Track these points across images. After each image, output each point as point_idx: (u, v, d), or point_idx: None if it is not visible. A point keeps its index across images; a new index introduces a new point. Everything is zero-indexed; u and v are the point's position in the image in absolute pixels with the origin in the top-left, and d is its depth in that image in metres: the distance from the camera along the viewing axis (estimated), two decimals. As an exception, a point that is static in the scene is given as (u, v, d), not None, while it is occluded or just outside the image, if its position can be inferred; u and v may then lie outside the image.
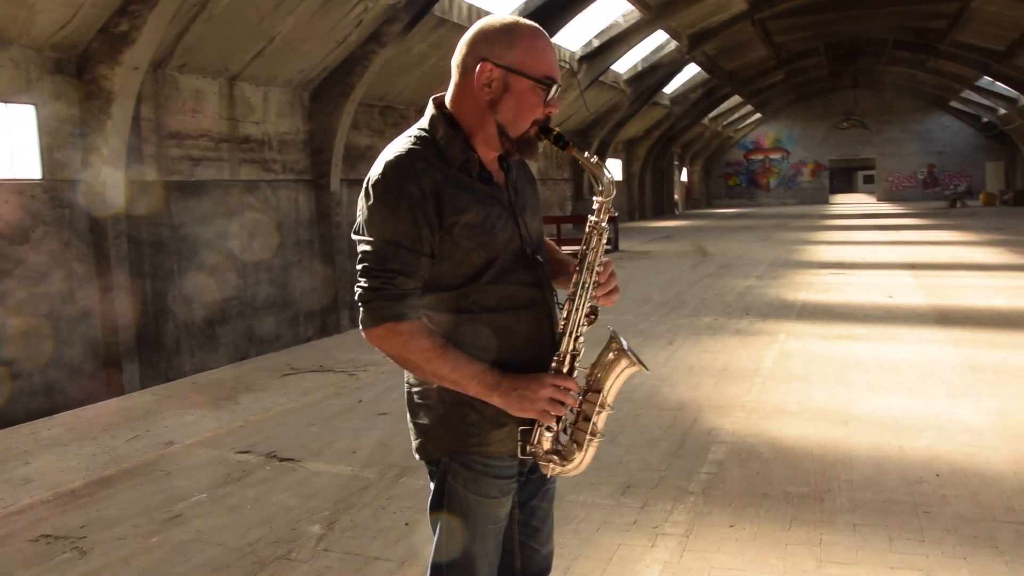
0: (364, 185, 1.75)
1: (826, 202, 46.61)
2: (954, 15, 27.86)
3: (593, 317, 1.84)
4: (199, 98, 12.25)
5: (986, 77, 34.40)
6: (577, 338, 1.81)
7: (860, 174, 65.75)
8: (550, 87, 1.77)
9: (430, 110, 1.83)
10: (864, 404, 5.62)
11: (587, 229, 1.84)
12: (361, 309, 1.72)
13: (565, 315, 1.83)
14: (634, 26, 23.27)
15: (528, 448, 1.83)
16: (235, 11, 11.44)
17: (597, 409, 1.83)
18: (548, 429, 1.82)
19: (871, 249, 17.42)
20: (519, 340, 1.80)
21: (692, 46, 25.97)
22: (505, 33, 1.75)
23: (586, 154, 1.84)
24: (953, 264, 13.88)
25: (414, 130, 1.81)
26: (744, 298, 10.47)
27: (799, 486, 4.20)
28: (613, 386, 1.84)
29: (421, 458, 1.90)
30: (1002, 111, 38.75)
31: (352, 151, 16.27)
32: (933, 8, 27.28)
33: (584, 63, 23.54)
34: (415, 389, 1.87)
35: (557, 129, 1.83)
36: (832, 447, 4.77)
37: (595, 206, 1.84)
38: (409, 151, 1.74)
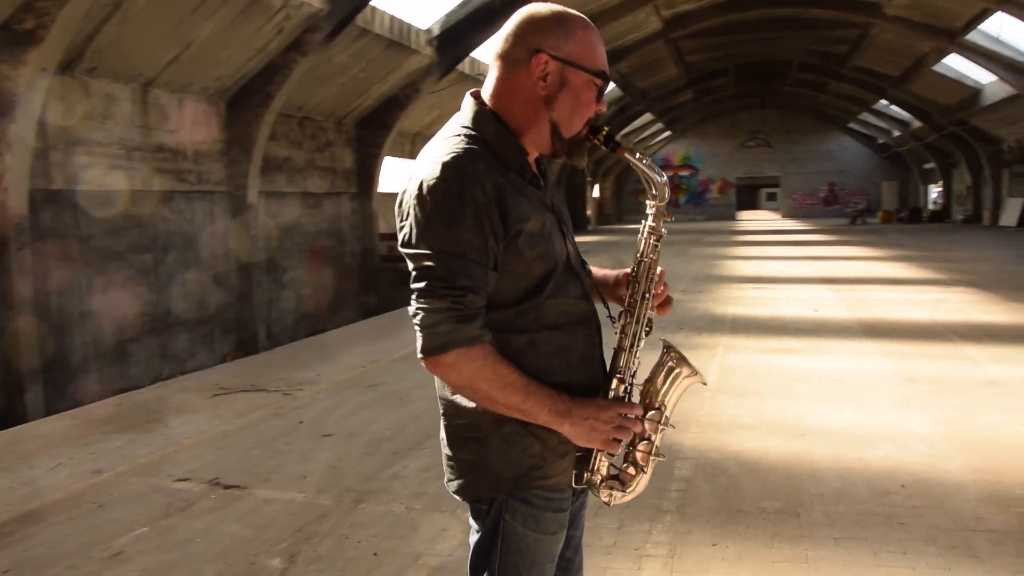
0: (412, 190, 1.56)
1: (733, 218, 47.85)
2: (855, 40, 29.16)
3: (648, 329, 1.73)
4: (110, 104, 11.63)
5: (882, 100, 36.34)
6: (636, 353, 1.70)
7: (764, 191, 67.93)
8: (605, 80, 1.67)
9: (470, 106, 1.68)
10: (815, 416, 5.65)
11: (643, 235, 1.72)
12: (423, 334, 1.53)
13: (622, 328, 1.72)
14: (552, 42, 23.45)
15: (586, 476, 1.69)
16: (151, 13, 10.92)
17: (660, 428, 1.71)
18: (609, 455, 1.70)
19: (787, 264, 17.86)
20: (576, 359, 1.67)
21: (608, 63, 26.38)
22: (560, 22, 1.62)
23: (637, 155, 1.72)
24: (867, 279, 14.28)
25: (457, 127, 1.64)
26: (674, 312, 10.42)
27: (772, 501, 4.14)
28: (673, 400, 1.72)
29: (466, 498, 1.70)
30: (896, 133, 40.90)
31: (270, 162, 15.78)
32: (836, 33, 28.48)
33: None
34: (459, 422, 1.66)
35: (607, 128, 1.70)
36: (795, 460, 4.76)
37: (650, 211, 1.73)
38: (467, 151, 1.56)
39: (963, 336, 8.37)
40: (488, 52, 23.02)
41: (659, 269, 1.74)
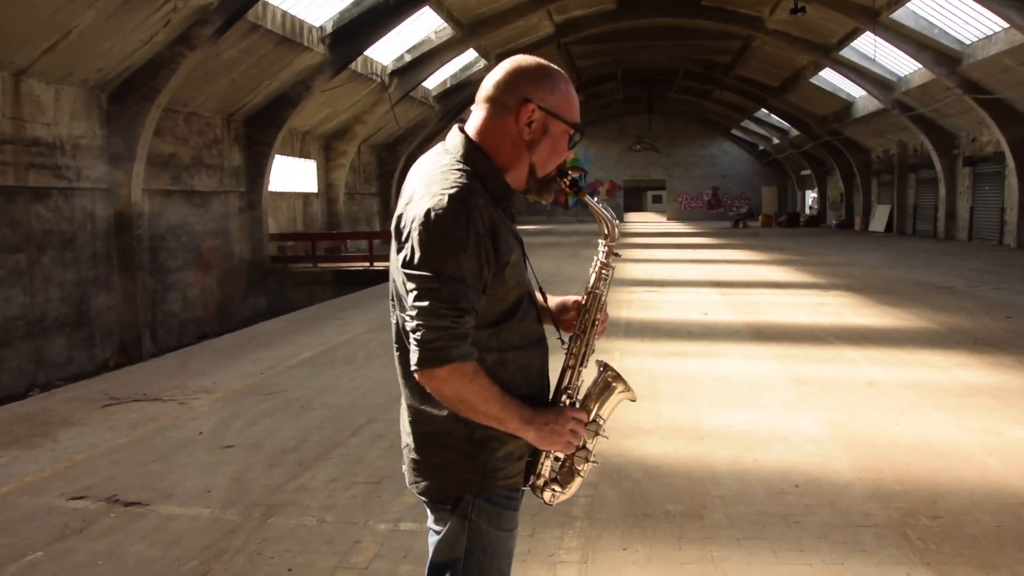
0: (419, 216, 1.68)
1: (622, 220, 48.88)
2: (738, 51, 30.42)
3: (592, 351, 1.97)
4: (-20, 94, 10.94)
5: (763, 109, 38.07)
6: (579, 373, 1.93)
7: (650, 194, 70.02)
8: (579, 133, 1.87)
9: (460, 141, 1.82)
10: (712, 419, 5.85)
11: (595, 270, 1.97)
12: (421, 348, 1.66)
13: (572, 350, 1.94)
14: (446, 43, 23.47)
15: (532, 479, 1.91)
16: None
17: (595, 437, 1.93)
18: (556, 459, 1.92)
19: (676, 267, 18.27)
20: (534, 375, 1.87)
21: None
22: (547, 77, 1.81)
23: (595, 199, 1.98)
24: (752, 282, 14.86)
25: (450, 161, 1.78)
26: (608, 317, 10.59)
27: (676, 504, 4.31)
28: (608, 412, 1.93)
29: (433, 498, 1.87)
30: (776, 140, 43.20)
31: (155, 159, 15.17)
32: (720, 44, 29.63)
33: (395, 77, 23.39)
34: (428, 428, 1.84)
35: (573, 173, 1.96)
36: (696, 463, 4.95)
37: (602, 249, 1.98)
38: (468, 187, 1.71)
39: (842, 339, 8.87)
40: (380, 53, 22.24)
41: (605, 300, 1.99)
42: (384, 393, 6.74)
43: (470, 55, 26.77)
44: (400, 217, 1.73)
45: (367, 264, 19.57)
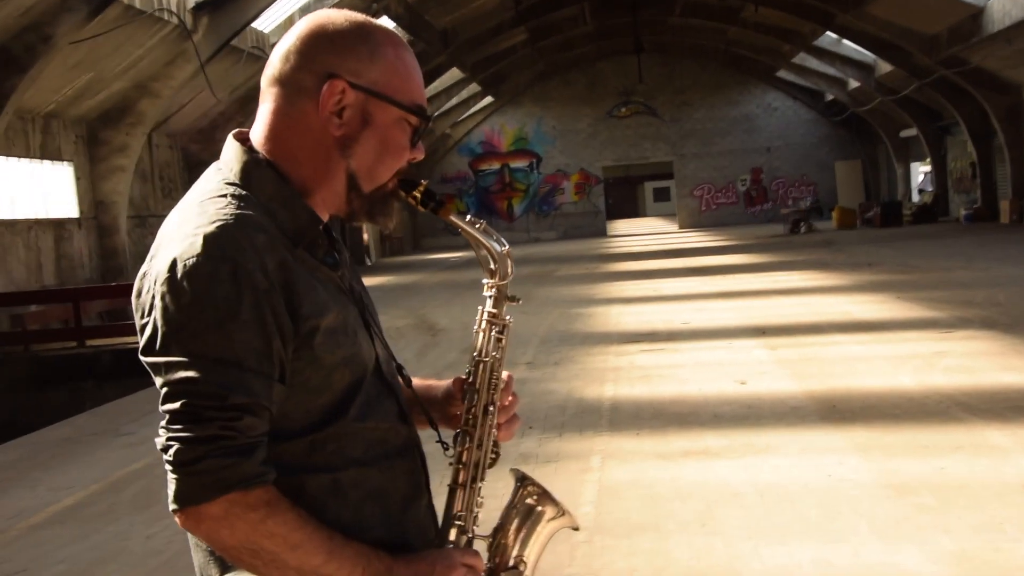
0: (160, 273, 1.23)
1: (603, 233, 33.89)
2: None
3: (493, 457, 1.46)
4: None
5: (828, 32, 25.62)
6: (479, 490, 1.44)
7: (649, 187, 48.44)
8: (424, 119, 1.38)
9: (236, 153, 1.33)
10: (756, 561, 3.99)
11: (481, 326, 1.47)
12: (179, 475, 1.20)
13: (459, 458, 1.45)
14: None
15: None
16: None
17: None
18: None
19: (693, 306, 12.98)
20: (396, 505, 1.39)
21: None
22: (363, 38, 1.34)
23: (468, 218, 1.47)
24: (821, 325, 10.59)
25: (219, 185, 1.30)
26: (520, 401, 7.69)
27: None
28: (536, 553, 1.47)
29: None
30: (853, 83, 28.58)
31: None
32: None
33: (203, 14, 15.85)
34: None
35: (425, 183, 1.42)
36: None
37: (489, 293, 1.48)
38: (240, 218, 1.24)
39: (977, 412, 6.14)
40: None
41: (505, 373, 1.49)
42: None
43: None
44: (143, 278, 1.28)
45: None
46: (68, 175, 17.03)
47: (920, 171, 30.47)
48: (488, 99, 32.28)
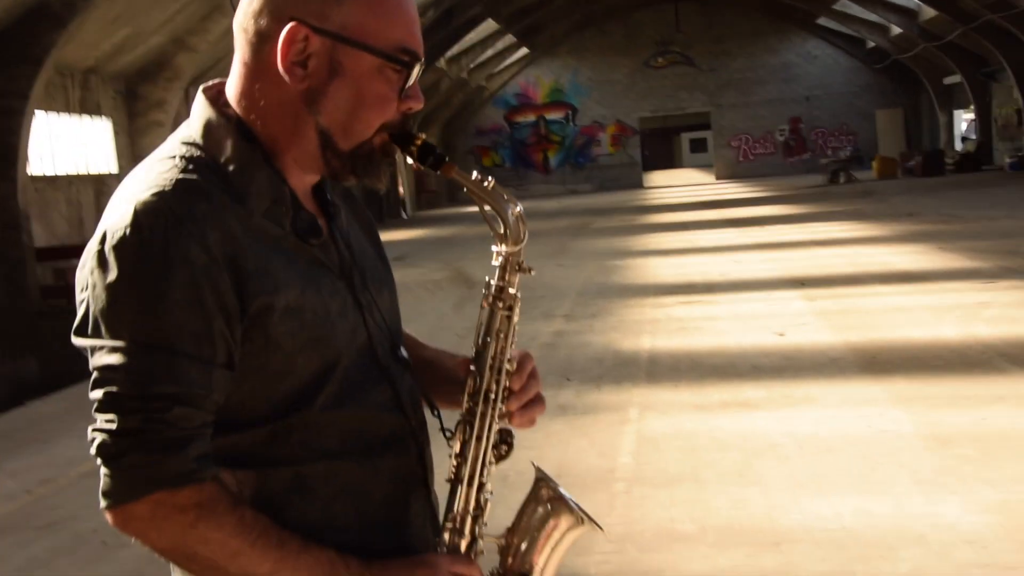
0: (92, 248, 1.12)
1: (640, 185, 33.99)
2: None
3: (506, 448, 1.28)
4: None
5: None
6: (481, 487, 1.27)
7: (685, 139, 48.33)
8: (410, 66, 1.18)
9: (202, 110, 1.21)
10: (795, 511, 4.06)
11: (488, 301, 1.27)
12: (106, 470, 1.09)
13: (458, 451, 1.28)
14: None
15: None
16: None
17: None
18: None
19: (732, 259, 12.81)
20: (375, 506, 1.23)
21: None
22: None
23: (475, 176, 1.24)
24: (861, 276, 10.40)
25: (176, 146, 1.17)
26: (556, 352, 7.60)
27: None
28: (550, 561, 1.29)
29: None
30: (896, 30, 28.44)
31: None
32: None
33: None
34: None
35: (423, 136, 1.23)
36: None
37: (497, 261, 1.27)
38: (180, 184, 1.12)
39: (1021, 363, 6.14)
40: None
41: (520, 352, 1.32)
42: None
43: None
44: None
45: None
46: (107, 130, 17.11)
47: (964, 119, 29.80)
48: (523, 51, 31.93)
